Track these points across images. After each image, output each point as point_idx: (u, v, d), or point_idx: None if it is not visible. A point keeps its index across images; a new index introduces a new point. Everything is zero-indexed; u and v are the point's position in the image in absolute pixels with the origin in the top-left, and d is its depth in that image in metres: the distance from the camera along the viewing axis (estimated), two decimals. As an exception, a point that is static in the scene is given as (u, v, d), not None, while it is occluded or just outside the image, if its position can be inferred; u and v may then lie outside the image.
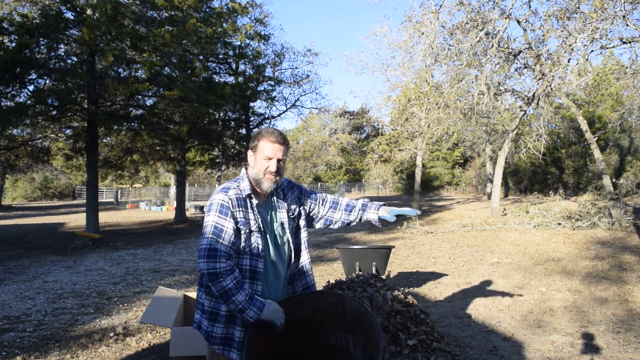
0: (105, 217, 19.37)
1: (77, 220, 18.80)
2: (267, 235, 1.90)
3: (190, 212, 22.20)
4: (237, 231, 1.79)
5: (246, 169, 1.95)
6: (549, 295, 5.32)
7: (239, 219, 1.80)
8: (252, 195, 1.88)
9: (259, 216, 1.87)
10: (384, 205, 2.04)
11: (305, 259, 2.03)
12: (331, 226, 2.14)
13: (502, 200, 19.33)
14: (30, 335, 4.29)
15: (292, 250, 1.99)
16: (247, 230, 1.81)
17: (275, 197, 1.97)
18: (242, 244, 1.81)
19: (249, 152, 1.91)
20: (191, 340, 3.24)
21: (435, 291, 5.79)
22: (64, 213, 23.33)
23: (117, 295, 6.00)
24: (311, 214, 2.12)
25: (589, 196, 19.06)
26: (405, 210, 1.96)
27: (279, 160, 1.86)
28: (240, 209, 1.82)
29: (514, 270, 6.74)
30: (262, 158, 1.85)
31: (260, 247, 1.85)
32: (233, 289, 1.69)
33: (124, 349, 3.88)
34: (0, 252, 10.49)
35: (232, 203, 1.80)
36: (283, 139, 1.87)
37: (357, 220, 2.10)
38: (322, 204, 2.11)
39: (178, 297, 3.81)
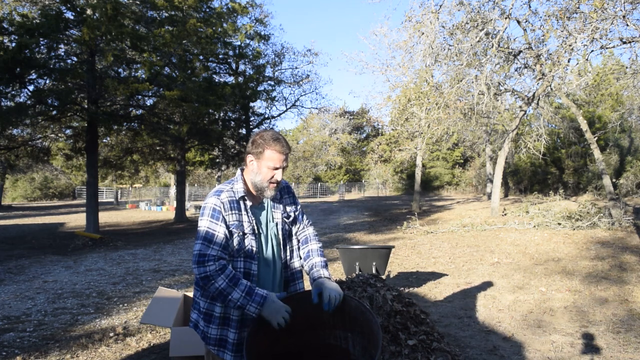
0: (105, 217, 19.37)
1: (77, 220, 18.80)
2: (262, 237, 1.89)
3: (190, 212, 22.19)
4: (230, 234, 1.79)
5: (242, 170, 1.92)
6: (549, 295, 5.32)
7: (231, 222, 1.79)
8: (246, 197, 1.86)
9: (253, 218, 1.86)
10: (320, 278, 1.88)
11: (297, 265, 2.01)
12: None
13: (502, 200, 19.33)
14: (30, 335, 4.29)
15: (286, 251, 1.98)
16: (241, 233, 1.81)
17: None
18: (236, 246, 1.81)
19: (250, 157, 1.87)
20: (191, 340, 3.24)
21: (435, 291, 5.79)
22: (64, 213, 23.33)
23: (117, 295, 6.00)
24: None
25: (589, 196, 19.05)
26: (324, 294, 1.77)
27: (282, 169, 1.85)
28: (233, 211, 1.81)
29: (514, 270, 6.74)
30: (268, 167, 1.83)
31: (254, 249, 1.84)
32: (227, 288, 1.70)
33: (124, 349, 3.88)
34: (0, 252, 10.49)
35: (224, 206, 1.79)
36: (288, 147, 1.86)
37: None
38: (300, 231, 2.05)
39: (178, 297, 3.81)
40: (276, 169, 1.83)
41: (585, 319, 4.48)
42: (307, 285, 1.95)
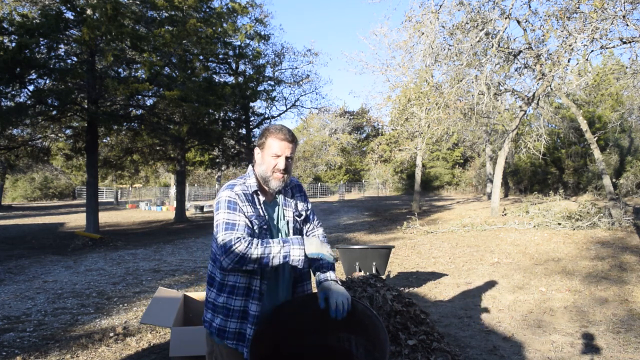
0: (105, 217, 19.37)
1: (77, 220, 18.80)
2: (273, 234, 1.87)
3: (190, 212, 22.20)
4: (251, 223, 1.76)
5: (252, 166, 1.91)
6: (549, 295, 5.32)
7: (248, 214, 1.77)
8: (259, 192, 1.85)
9: (265, 213, 1.85)
10: (327, 280, 1.88)
11: (305, 265, 2.00)
12: None
13: (502, 200, 19.33)
14: (30, 335, 4.29)
15: None
16: (256, 226, 1.78)
17: (282, 195, 1.94)
18: None
19: (256, 150, 1.88)
20: (191, 340, 3.24)
21: (435, 291, 5.79)
22: (64, 213, 23.33)
23: (117, 295, 6.00)
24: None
25: (589, 196, 19.05)
26: (331, 301, 1.76)
27: (287, 158, 1.82)
28: (248, 203, 1.79)
29: (514, 270, 6.74)
30: (270, 155, 1.81)
31: None
32: (264, 251, 1.66)
33: (124, 349, 3.88)
34: (0, 252, 10.49)
35: (239, 198, 1.77)
36: (292, 137, 1.83)
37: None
38: (310, 231, 2.05)
39: (178, 297, 3.81)
40: (278, 156, 1.81)
41: (585, 319, 4.48)
42: (314, 286, 1.95)
